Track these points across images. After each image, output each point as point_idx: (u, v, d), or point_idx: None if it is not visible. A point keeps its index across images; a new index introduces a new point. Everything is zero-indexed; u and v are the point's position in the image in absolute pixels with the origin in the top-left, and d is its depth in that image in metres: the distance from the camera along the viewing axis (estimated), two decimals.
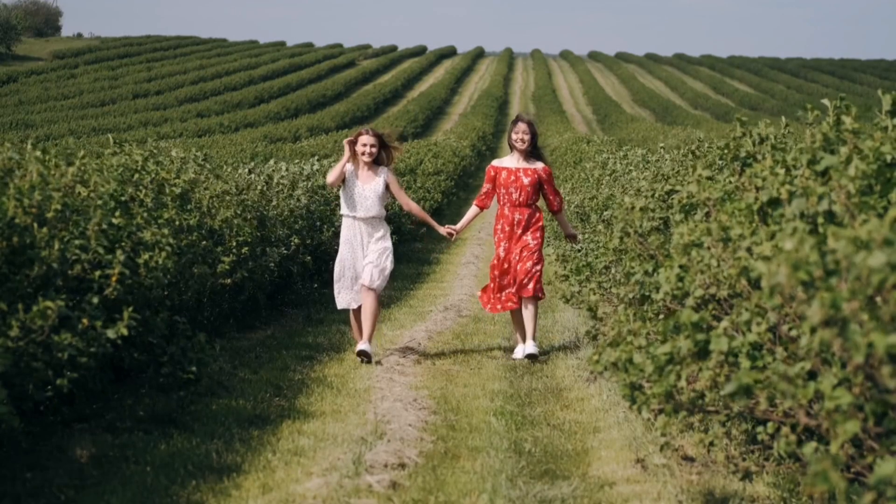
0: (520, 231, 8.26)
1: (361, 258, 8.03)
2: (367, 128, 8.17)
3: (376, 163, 8.08)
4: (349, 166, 8.09)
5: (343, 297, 8.16)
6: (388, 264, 8.05)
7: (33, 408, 5.05)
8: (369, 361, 7.80)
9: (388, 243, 8.10)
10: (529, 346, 8.09)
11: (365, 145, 8.03)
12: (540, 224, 8.34)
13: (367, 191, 8.03)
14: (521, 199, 8.26)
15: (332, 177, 8.05)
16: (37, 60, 72.05)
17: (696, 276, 3.97)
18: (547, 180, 8.35)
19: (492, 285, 8.35)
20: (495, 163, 8.49)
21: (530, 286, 8.19)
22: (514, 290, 8.22)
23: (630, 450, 5.29)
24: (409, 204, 8.37)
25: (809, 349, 3.02)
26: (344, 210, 8.16)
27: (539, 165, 8.34)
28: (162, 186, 7.26)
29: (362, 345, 7.85)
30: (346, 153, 8.08)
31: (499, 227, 8.33)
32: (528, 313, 8.18)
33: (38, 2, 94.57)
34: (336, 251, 8.47)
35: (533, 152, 8.35)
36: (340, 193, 8.17)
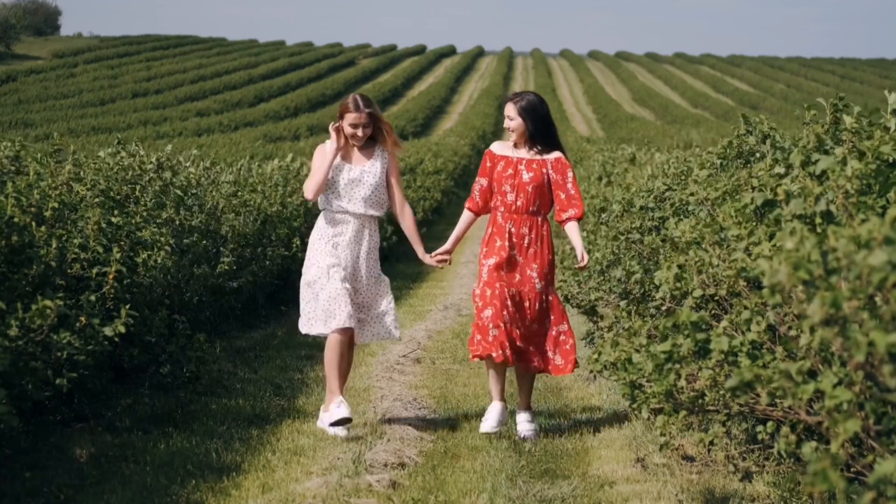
0: (521, 256, 5.67)
1: (350, 267, 5.67)
2: (356, 94, 5.82)
3: (372, 138, 5.79)
4: (332, 146, 5.72)
5: (337, 310, 5.50)
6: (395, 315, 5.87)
7: (33, 407, 5.05)
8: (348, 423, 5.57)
9: (387, 282, 5.85)
10: (526, 424, 5.75)
11: (355, 126, 5.65)
12: (546, 250, 5.71)
13: (362, 175, 5.69)
14: (519, 204, 5.66)
15: (313, 188, 5.65)
16: (36, 59, 72.06)
17: (695, 276, 3.97)
18: (559, 175, 5.70)
19: (477, 316, 5.64)
20: (495, 147, 5.87)
21: (563, 362, 5.74)
22: (528, 349, 5.70)
23: (630, 449, 5.29)
24: (405, 207, 5.85)
25: (809, 348, 3.01)
26: (326, 204, 5.72)
27: (551, 156, 5.70)
28: (165, 187, 7.27)
29: (344, 407, 5.49)
30: (335, 143, 5.67)
31: (486, 236, 5.79)
32: (528, 377, 5.85)
33: (38, 1, 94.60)
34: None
35: (540, 140, 5.73)
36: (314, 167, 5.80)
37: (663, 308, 4.78)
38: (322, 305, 5.53)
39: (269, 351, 8.32)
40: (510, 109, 5.74)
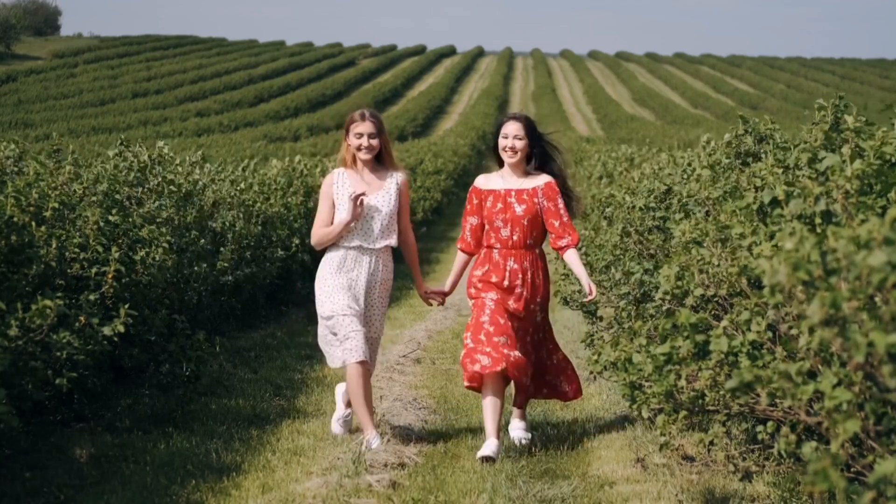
0: (524, 290, 5.42)
1: (363, 304, 5.41)
2: (364, 110, 5.52)
3: (378, 160, 5.52)
4: (339, 175, 5.47)
5: (354, 343, 5.27)
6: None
7: (33, 407, 5.05)
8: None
9: (385, 308, 5.61)
10: (520, 432, 5.62)
11: (361, 136, 5.40)
12: (546, 282, 5.52)
13: (374, 206, 5.41)
14: (516, 239, 5.40)
15: (322, 242, 5.44)
16: (36, 59, 72.03)
17: (696, 276, 3.97)
18: (551, 202, 5.43)
19: (483, 344, 5.26)
20: (480, 182, 5.54)
21: (569, 388, 5.69)
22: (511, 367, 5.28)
23: (630, 449, 5.29)
24: (409, 236, 5.58)
25: (809, 348, 3.01)
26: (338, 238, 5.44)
27: (541, 181, 5.45)
28: (165, 188, 7.27)
29: (377, 442, 5.24)
30: (349, 215, 5.34)
31: (477, 272, 5.48)
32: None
33: (38, 1, 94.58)
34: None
35: (536, 163, 5.51)
36: (321, 209, 5.54)
37: (663, 308, 4.78)
38: (339, 340, 5.31)
39: (269, 351, 8.32)
40: (515, 128, 5.41)
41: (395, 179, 5.47)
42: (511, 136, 5.42)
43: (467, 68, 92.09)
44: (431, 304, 5.79)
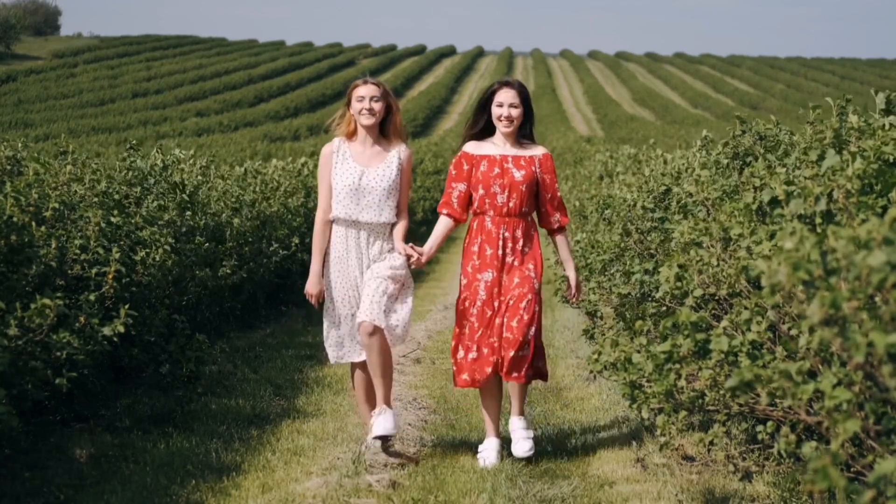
0: (511, 258, 5.17)
1: (360, 285, 5.16)
2: (367, 77, 5.24)
3: (383, 133, 5.23)
4: (339, 145, 5.22)
5: (345, 349, 5.28)
6: (404, 295, 5.19)
7: (32, 407, 5.05)
8: (387, 445, 5.17)
9: (401, 259, 5.15)
10: (522, 442, 5.16)
11: (363, 99, 5.10)
12: (537, 250, 5.25)
13: (372, 178, 5.12)
14: (511, 206, 5.16)
15: (314, 233, 5.29)
16: (36, 59, 72.03)
17: (696, 276, 3.97)
18: (548, 175, 5.26)
19: (466, 339, 5.18)
20: (471, 147, 5.28)
21: (522, 370, 5.10)
22: (496, 358, 5.12)
23: (630, 449, 5.29)
24: (405, 214, 5.25)
25: (809, 348, 3.02)
26: (335, 214, 5.19)
27: (538, 151, 5.27)
28: (172, 190, 7.27)
29: (380, 426, 5.02)
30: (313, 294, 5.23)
31: (474, 248, 5.18)
32: (514, 387, 5.24)
33: (38, 1, 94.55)
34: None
35: (528, 130, 5.31)
36: (321, 189, 5.28)
37: (663, 308, 4.78)
38: (335, 338, 5.28)
39: (269, 351, 8.32)
40: (510, 96, 5.18)
41: (397, 153, 5.16)
42: (507, 104, 5.20)
43: (467, 68, 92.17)
44: (412, 264, 5.17)
